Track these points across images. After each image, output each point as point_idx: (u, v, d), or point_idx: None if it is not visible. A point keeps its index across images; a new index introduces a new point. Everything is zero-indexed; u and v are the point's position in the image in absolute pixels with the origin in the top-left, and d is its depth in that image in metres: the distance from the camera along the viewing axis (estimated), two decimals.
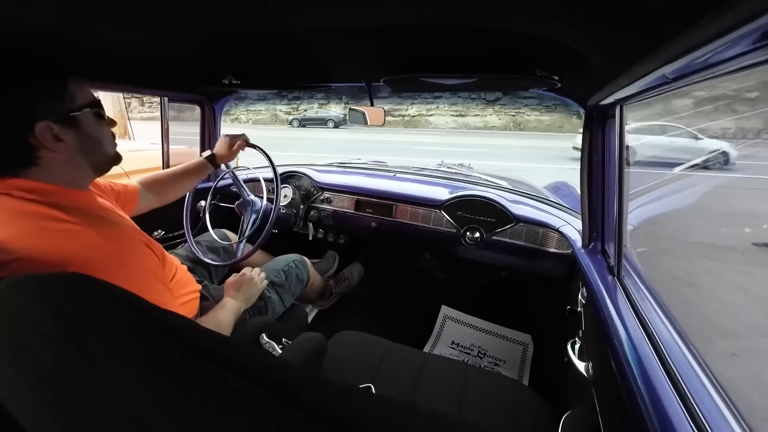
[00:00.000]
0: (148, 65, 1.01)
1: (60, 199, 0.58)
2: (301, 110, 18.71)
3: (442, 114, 18.56)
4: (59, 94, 0.57)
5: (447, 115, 18.46)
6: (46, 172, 0.58)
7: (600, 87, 0.73)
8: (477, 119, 17.87)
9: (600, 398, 0.67)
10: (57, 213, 0.56)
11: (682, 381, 0.48)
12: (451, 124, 18.17)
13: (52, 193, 0.58)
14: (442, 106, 18.42)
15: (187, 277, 0.93)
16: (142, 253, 0.65)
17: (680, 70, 0.42)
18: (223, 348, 0.30)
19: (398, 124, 18.54)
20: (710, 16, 0.30)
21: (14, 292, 0.28)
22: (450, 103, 18.21)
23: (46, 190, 0.57)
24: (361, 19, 0.62)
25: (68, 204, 0.59)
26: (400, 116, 18.75)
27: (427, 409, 0.30)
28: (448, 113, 18.46)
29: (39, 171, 0.57)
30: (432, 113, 18.62)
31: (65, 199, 0.59)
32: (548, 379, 1.30)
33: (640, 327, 0.63)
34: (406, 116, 18.75)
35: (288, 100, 18.87)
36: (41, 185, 0.57)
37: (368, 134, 14.07)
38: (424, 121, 18.52)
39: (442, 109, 18.51)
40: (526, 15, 0.56)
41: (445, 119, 18.41)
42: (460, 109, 18.36)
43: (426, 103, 18.49)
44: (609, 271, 0.87)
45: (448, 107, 18.43)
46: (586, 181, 0.99)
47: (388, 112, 1.35)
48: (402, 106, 18.64)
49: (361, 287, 1.84)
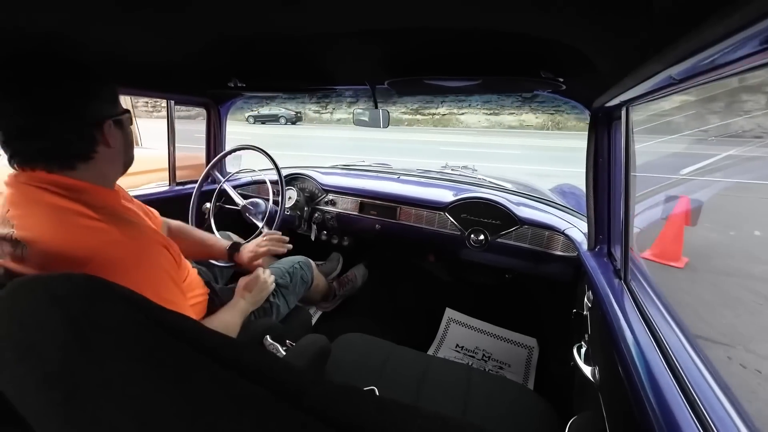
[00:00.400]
0: (155, 69, 1.02)
1: (90, 198, 0.62)
2: (330, 108, 18.37)
3: (474, 112, 17.72)
4: (113, 98, 0.66)
5: (480, 114, 17.60)
6: (93, 168, 0.64)
7: (605, 89, 0.73)
8: (512, 118, 16.91)
9: (607, 403, 0.66)
10: (86, 210, 0.60)
11: (691, 387, 0.48)
12: (484, 123, 17.30)
13: (84, 191, 0.62)
14: (475, 104, 17.62)
15: (197, 280, 0.94)
16: (159, 253, 0.67)
17: (687, 71, 0.42)
18: (227, 349, 0.30)
19: (428, 123, 17.78)
20: (717, 17, 0.30)
21: (24, 291, 0.29)
22: (483, 101, 17.34)
23: (80, 187, 0.62)
24: (364, 21, 0.63)
25: (97, 203, 0.63)
26: (430, 115, 18.00)
27: (431, 412, 0.30)
28: (480, 111, 17.59)
29: (90, 165, 0.63)
30: (463, 112, 17.81)
31: (95, 198, 0.63)
32: (554, 384, 1.29)
33: (647, 331, 0.62)
34: (436, 115, 17.97)
35: (317, 98, 18.38)
36: (76, 183, 0.61)
37: (390, 134, 13.44)
38: (455, 119, 17.72)
39: (475, 107, 17.69)
40: (530, 16, 0.56)
41: (478, 118, 17.56)
42: (494, 107, 17.47)
43: (457, 101, 17.72)
44: (615, 275, 0.86)
45: (480, 105, 17.58)
46: (591, 183, 0.98)
47: (416, 111, 1.35)
48: (432, 105, 17.87)
49: (365, 289, 1.84)
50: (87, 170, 0.63)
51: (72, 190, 0.61)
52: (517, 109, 16.86)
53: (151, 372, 0.26)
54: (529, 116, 16.59)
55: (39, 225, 0.57)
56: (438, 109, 17.90)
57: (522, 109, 16.67)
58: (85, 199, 0.61)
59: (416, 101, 17.38)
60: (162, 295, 0.65)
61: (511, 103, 16.74)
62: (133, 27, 0.68)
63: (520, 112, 16.79)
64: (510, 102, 16.65)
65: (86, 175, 0.63)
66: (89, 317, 0.27)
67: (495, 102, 17.21)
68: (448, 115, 17.85)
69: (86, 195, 0.62)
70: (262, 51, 0.87)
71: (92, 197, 0.63)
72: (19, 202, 0.59)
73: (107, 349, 0.26)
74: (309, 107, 19.07)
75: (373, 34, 0.69)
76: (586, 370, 0.78)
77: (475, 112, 17.68)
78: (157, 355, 0.27)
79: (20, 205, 0.59)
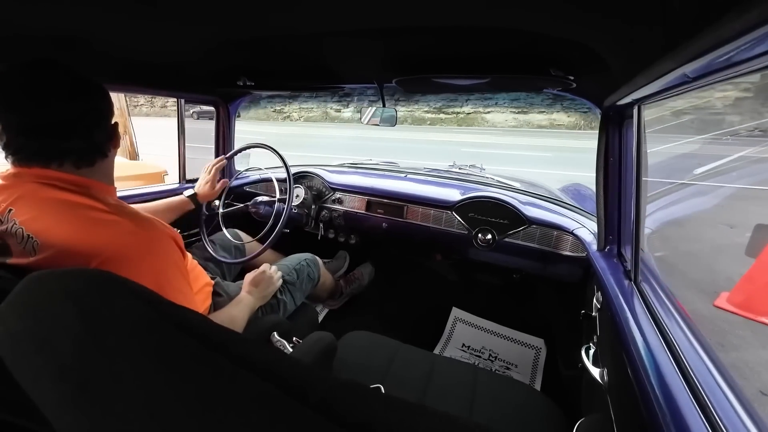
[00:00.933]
0: (167, 68, 1.03)
1: (98, 192, 0.64)
2: (351, 107, 17.79)
3: (501, 111, 16.57)
4: (111, 102, 0.69)
5: (507, 112, 16.46)
6: (104, 166, 0.67)
7: (617, 87, 0.71)
8: (542, 117, 15.72)
9: (615, 406, 0.65)
10: (97, 204, 0.62)
11: (703, 391, 0.47)
12: (511, 122, 16.18)
13: (90, 187, 0.64)
14: (502, 102, 16.48)
15: (198, 270, 0.96)
16: (168, 244, 0.68)
17: (702, 69, 0.41)
18: (235, 345, 0.31)
19: (451, 122, 16.81)
20: (736, 12, 0.29)
21: (39, 286, 0.29)
22: (510, 99, 16.14)
23: (86, 183, 0.63)
24: (373, 20, 0.63)
25: (106, 197, 0.65)
26: (454, 114, 16.98)
27: (437, 412, 0.30)
28: (507, 110, 16.46)
29: (103, 164, 0.67)
30: (489, 110, 16.73)
31: (102, 193, 0.65)
32: (561, 385, 1.27)
33: (658, 333, 0.61)
34: (461, 113, 16.96)
35: (339, 97, 17.29)
36: (82, 179, 0.63)
37: (411, 133, 12.93)
38: (480, 118, 16.58)
39: (501, 105, 16.57)
40: (540, 14, 0.55)
41: (504, 116, 16.43)
42: (522, 106, 16.26)
43: (483, 99, 16.45)
44: (625, 276, 0.85)
45: (508, 103, 16.43)
46: (602, 182, 0.97)
47: (439, 110, 1.35)
48: (456, 103, 16.74)
49: (372, 288, 1.84)
50: (99, 168, 0.66)
51: (80, 185, 0.62)
52: (547, 108, 15.67)
53: (161, 366, 0.26)
54: (561, 115, 15.45)
55: (51, 220, 0.58)
56: (462, 107, 16.90)
57: (553, 107, 15.44)
58: (94, 194, 0.63)
59: (439, 99, 16.40)
60: (172, 284, 0.66)
61: (541, 101, 15.45)
62: (148, 28, 0.69)
63: (550, 111, 15.64)
64: (540, 100, 15.29)
65: (97, 173, 0.66)
66: (102, 312, 0.28)
67: (523, 100, 16.06)
68: (473, 114, 16.89)
69: (93, 190, 0.64)
70: (270, 50, 0.88)
71: (99, 192, 0.65)
72: (25, 199, 0.59)
73: (119, 343, 0.27)
74: (330, 105, 18.49)
75: (382, 32, 0.69)
76: (595, 372, 0.77)
77: (502, 111, 16.64)
78: (167, 350, 0.27)
79: (27, 201, 0.59)
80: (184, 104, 1.53)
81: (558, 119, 15.45)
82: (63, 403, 0.25)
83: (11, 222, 0.58)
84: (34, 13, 0.58)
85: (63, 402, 0.25)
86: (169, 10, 0.61)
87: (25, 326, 0.28)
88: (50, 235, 0.57)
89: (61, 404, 0.26)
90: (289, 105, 18.55)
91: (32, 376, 0.27)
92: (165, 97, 2.08)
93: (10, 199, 0.60)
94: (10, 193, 0.60)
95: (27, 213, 0.59)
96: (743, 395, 0.46)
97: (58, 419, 0.26)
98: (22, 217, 0.58)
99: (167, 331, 0.28)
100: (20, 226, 0.58)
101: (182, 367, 0.27)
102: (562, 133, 13.81)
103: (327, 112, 18.57)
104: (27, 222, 0.58)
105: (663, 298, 0.72)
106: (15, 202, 0.59)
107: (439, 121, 16.88)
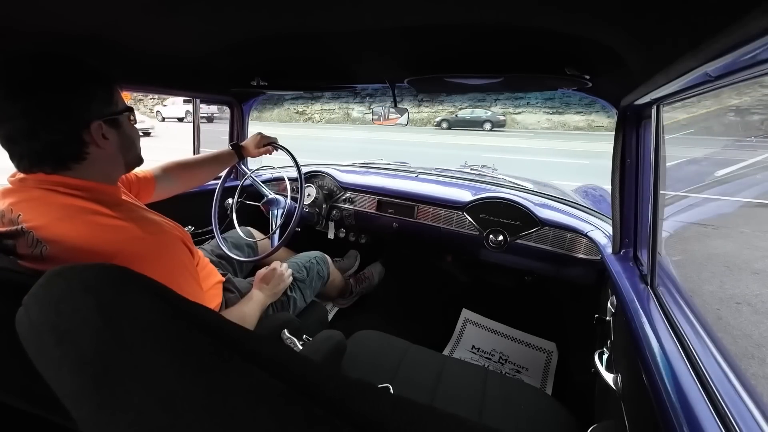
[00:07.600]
0: (184, 69, 1.06)
1: (102, 196, 0.63)
2: (371, 108, 17.93)
3: (533, 111, 15.47)
4: (108, 98, 0.64)
5: (539, 113, 15.38)
6: (91, 167, 0.63)
7: (635, 86, 0.70)
8: (579, 117, 14.48)
9: (629, 413, 0.63)
10: (102, 208, 0.61)
11: (723, 402, 0.45)
12: (544, 123, 15.06)
13: (93, 190, 0.63)
14: (534, 102, 15.45)
15: (209, 268, 0.97)
16: (178, 247, 0.69)
17: (725, 68, 0.39)
18: (247, 341, 0.31)
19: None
20: (762, 8, 0.28)
21: (60, 279, 0.30)
22: (544, 98, 15.02)
23: (87, 186, 0.62)
24: (385, 20, 0.63)
25: (111, 201, 0.64)
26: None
27: (446, 413, 0.30)
28: (540, 111, 15.40)
29: (85, 165, 0.62)
30: (520, 111, 15.67)
31: (105, 196, 0.64)
32: (573, 390, 1.25)
33: (674, 339, 0.59)
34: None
35: (360, 98, 17.15)
36: (83, 182, 0.62)
37: (432, 136, 12.21)
38: (510, 119, 15.35)
39: (534, 105, 15.53)
40: (555, 12, 0.54)
41: (537, 117, 15.21)
42: (557, 105, 15.08)
43: (513, 98, 15.53)
44: (641, 280, 0.83)
45: (541, 104, 15.41)
46: (618, 184, 0.95)
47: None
48: (484, 103, 15.63)
49: (382, 287, 1.84)
50: (84, 169, 0.62)
51: (81, 189, 0.61)
52: (585, 108, 14.37)
53: (175, 360, 0.27)
54: (599, 116, 13.95)
55: (57, 225, 0.58)
56: (492, 108, 15.66)
57: (592, 107, 13.96)
58: (98, 198, 0.62)
59: (466, 99, 15.48)
60: (182, 286, 0.67)
61: (579, 101, 13.92)
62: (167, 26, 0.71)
63: (588, 111, 14.28)
64: (578, 99, 13.58)
65: (86, 174, 0.62)
66: (120, 306, 0.29)
67: (558, 99, 14.75)
68: (503, 115, 15.62)
69: (97, 193, 0.63)
70: (285, 50, 0.89)
71: (103, 195, 0.64)
72: (31, 204, 0.59)
73: (136, 336, 0.27)
74: (352, 106, 18.11)
75: (395, 32, 0.69)
76: (608, 378, 0.75)
77: (534, 111, 15.49)
78: (181, 345, 0.28)
79: (33, 206, 0.59)
80: (199, 104, 1.57)
81: (597, 121, 13.94)
82: (81, 394, 0.26)
83: (20, 225, 0.59)
84: (50, 11, 0.60)
85: (81, 393, 0.26)
86: (189, 8, 0.62)
87: (47, 319, 0.29)
88: (58, 241, 0.57)
89: (79, 395, 0.26)
90: (311, 106, 18.15)
91: (53, 366, 0.28)
92: (181, 96, 2.11)
93: (18, 203, 0.60)
94: (19, 197, 0.60)
95: (36, 219, 0.58)
96: (765, 405, 0.44)
97: (77, 409, 0.27)
98: (30, 222, 0.58)
99: (182, 327, 0.29)
100: (29, 230, 0.58)
101: (195, 362, 0.27)
102: (602, 136, 11.82)
103: (348, 113, 18.04)
104: (36, 228, 0.58)
105: (681, 303, 0.70)
106: (23, 207, 0.59)
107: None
